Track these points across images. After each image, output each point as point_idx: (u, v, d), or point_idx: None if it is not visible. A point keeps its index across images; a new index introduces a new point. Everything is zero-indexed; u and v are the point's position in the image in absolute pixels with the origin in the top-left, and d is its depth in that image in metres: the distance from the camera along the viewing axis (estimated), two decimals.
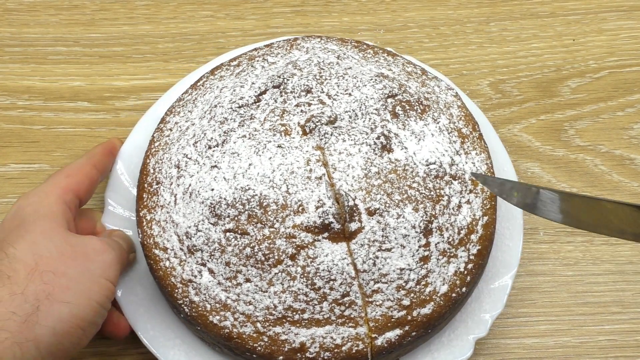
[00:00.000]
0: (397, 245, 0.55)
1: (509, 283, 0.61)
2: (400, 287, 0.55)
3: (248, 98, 0.60)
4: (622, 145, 0.73)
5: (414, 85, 0.63)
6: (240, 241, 0.55)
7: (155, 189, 0.59)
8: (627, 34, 0.79)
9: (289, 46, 0.65)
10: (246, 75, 0.62)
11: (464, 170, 0.59)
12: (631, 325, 0.65)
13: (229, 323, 0.55)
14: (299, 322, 0.54)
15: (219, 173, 0.57)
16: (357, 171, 0.56)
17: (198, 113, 0.61)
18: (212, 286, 0.55)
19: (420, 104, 0.61)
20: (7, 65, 0.76)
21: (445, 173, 0.58)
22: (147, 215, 0.58)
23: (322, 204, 0.55)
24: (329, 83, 0.61)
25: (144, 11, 0.79)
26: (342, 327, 0.54)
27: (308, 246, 0.54)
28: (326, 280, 0.54)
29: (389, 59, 0.65)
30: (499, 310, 0.60)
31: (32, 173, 0.71)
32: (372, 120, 0.59)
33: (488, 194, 0.59)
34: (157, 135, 0.62)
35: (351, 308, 0.54)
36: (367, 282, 0.54)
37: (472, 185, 0.59)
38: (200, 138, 0.59)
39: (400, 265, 0.55)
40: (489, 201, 0.59)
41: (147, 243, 0.58)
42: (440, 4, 0.80)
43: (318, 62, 0.62)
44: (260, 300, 0.54)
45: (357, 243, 0.55)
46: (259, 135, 0.58)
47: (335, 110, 0.59)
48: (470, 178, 0.59)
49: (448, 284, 0.56)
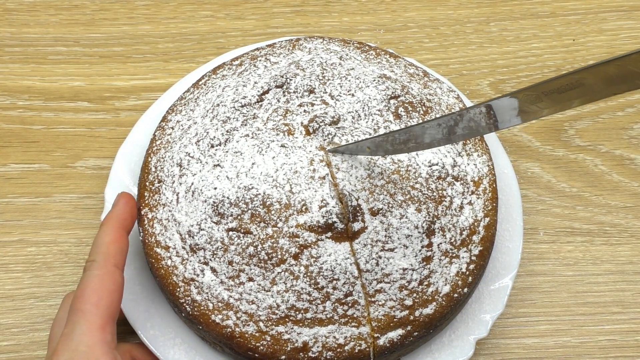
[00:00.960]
0: (400, 246, 0.55)
1: (509, 284, 0.61)
2: (403, 287, 0.55)
3: (251, 97, 0.60)
4: (622, 145, 0.73)
5: (416, 87, 0.63)
6: (243, 240, 0.55)
7: (157, 187, 0.59)
8: (627, 34, 0.79)
9: (291, 46, 0.65)
10: (249, 74, 0.62)
11: (466, 172, 0.59)
12: (631, 325, 0.66)
13: (231, 322, 0.55)
14: (301, 322, 0.54)
15: (221, 172, 0.57)
16: (361, 171, 0.56)
17: (200, 112, 0.61)
18: (215, 285, 0.55)
19: (422, 105, 0.61)
20: (7, 65, 0.76)
21: (447, 174, 0.58)
22: (149, 213, 0.58)
23: (326, 203, 0.55)
24: (331, 83, 0.61)
25: (144, 11, 0.79)
26: (344, 326, 0.54)
27: (311, 246, 0.54)
28: (329, 279, 0.54)
29: (391, 61, 0.65)
30: (500, 311, 0.60)
31: (32, 173, 0.71)
32: (375, 121, 0.59)
33: (490, 196, 0.59)
34: (159, 134, 0.62)
35: (354, 308, 0.54)
36: (370, 282, 0.54)
37: (474, 187, 0.59)
38: (203, 137, 0.59)
39: (403, 265, 0.55)
40: (490, 202, 0.59)
41: (148, 242, 0.57)
42: (440, 4, 0.80)
43: (321, 62, 0.62)
44: (263, 300, 0.54)
45: (360, 243, 0.55)
46: (262, 134, 0.58)
47: (338, 111, 0.59)
48: (472, 179, 0.59)
49: (450, 284, 0.56)
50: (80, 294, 0.50)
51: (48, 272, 0.66)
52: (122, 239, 0.54)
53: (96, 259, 0.52)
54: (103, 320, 0.50)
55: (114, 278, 0.51)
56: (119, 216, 0.55)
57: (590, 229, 0.69)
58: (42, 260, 0.67)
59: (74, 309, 0.50)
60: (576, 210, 0.70)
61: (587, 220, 0.70)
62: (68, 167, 0.71)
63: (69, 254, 0.67)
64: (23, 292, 0.66)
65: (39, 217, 0.69)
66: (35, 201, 0.69)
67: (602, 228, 0.69)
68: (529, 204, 0.70)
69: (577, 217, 0.70)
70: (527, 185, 0.71)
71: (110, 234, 0.53)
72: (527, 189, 0.71)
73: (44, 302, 0.65)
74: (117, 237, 0.53)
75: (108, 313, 0.50)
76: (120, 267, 0.53)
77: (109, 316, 0.50)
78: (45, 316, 0.64)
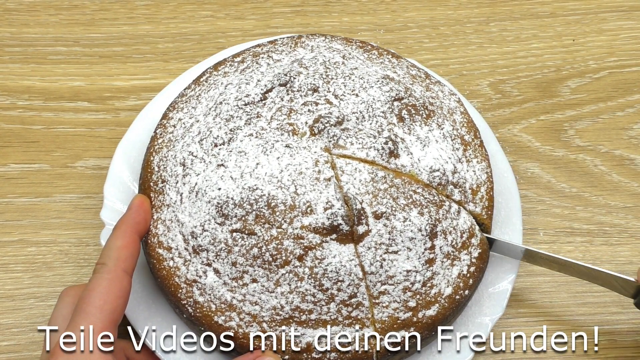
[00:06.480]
0: (404, 248, 0.55)
1: (509, 288, 0.61)
2: (407, 288, 0.55)
3: (254, 96, 0.60)
4: (622, 145, 0.73)
5: (419, 90, 0.62)
6: (247, 241, 0.54)
7: (161, 187, 0.58)
8: (627, 34, 0.79)
9: (293, 44, 0.64)
10: (251, 72, 0.62)
11: (465, 179, 0.59)
12: (631, 325, 0.65)
13: (234, 323, 0.54)
14: (305, 323, 0.54)
15: (225, 172, 0.56)
16: (364, 175, 0.56)
17: (202, 109, 0.61)
18: (218, 286, 0.55)
19: (425, 108, 0.61)
20: (7, 65, 0.76)
21: (447, 181, 0.58)
22: (154, 214, 0.58)
23: (331, 205, 0.55)
24: (335, 83, 0.60)
25: (144, 11, 0.79)
26: (349, 327, 0.54)
27: (316, 247, 0.54)
28: (334, 281, 0.54)
29: (394, 61, 0.65)
30: (499, 314, 0.60)
31: (32, 173, 0.71)
32: (379, 123, 0.58)
33: (487, 204, 0.60)
34: (160, 132, 0.61)
35: (358, 309, 0.54)
36: (374, 284, 0.54)
37: (471, 195, 0.59)
38: (206, 135, 0.58)
39: (407, 267, 0.55)
40: (486, 211, 0.60)
41: (150, 242, 0.57)
42: (440, 4, 0.80)
43: (324, 61, 0.62)
44: (266, 301, 0.54)
45: (364, 246, 0.55)
46: (266, 134, 0.57)
47: (342, 111, 0.59)
48: (470, 187, 0.59)
49: (452, 286, 0.56)
50: (87, 295, 0.51)
51: (48, 272, 0.66)
52: (134, 244, 0.54)
53: (106, 263, 0.52)
54: (104, 325, 0.50)
55: (122, 284, 0.52)
56: (132, 220, 0.55)
57: (590, 229, 0.69)
58: (42, 260, 0.67)
59: (78, 310, 0.50)
60: (576, 211, 0.70)
61: (587, 221, 0.70)
62: (68, 167, 0.71)
63: (69, 254, 0.67)
64: (23, 292, 0.66)
65: (39, 217, 0.69)
66: (35, 201, 0.69)
67: (602, 228, 0.69)
68: (528, 204, 0.70)
69: (577, 218, 0.70)
70: (527, 186, 0.71)
71: (123, 238, 0.53)
72: (527, 189, 0.71)
73: (44, 302, 0.65)
74: (129, 242, 0.53)
75: (111, 318, 0.50)
76: (130, 272, 0.53)
77: (111, 321, 0.50)
78: (45, 316, 0.64)
